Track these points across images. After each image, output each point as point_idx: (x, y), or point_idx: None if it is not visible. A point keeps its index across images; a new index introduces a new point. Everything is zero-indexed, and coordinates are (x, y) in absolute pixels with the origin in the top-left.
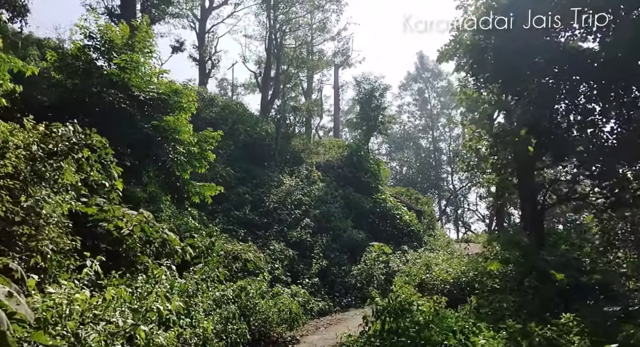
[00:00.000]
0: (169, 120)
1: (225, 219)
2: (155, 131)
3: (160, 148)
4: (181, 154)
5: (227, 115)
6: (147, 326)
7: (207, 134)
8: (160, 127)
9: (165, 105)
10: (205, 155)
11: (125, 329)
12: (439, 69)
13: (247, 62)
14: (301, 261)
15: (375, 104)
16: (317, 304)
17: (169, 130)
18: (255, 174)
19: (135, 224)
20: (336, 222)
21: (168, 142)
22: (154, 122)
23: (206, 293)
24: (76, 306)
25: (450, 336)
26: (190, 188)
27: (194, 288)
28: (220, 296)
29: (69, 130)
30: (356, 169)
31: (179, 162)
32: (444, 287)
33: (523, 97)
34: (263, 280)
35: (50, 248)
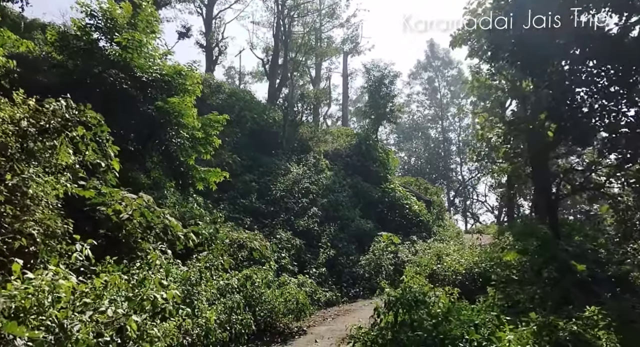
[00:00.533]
0: (173, 101)
1: (231, 207)
2: (159, 113)
3: (163, 132)
4: (185, 138)
5: (234, 102)
6: (140, 316)
7: (212, 118)
8: (164, 109)
9: (169, 87)
10: (211, 141)
11: (116, 319)
12: (449, 57)
13: (255, 48)
14: (308, 250)
15: (384, 92)
16: (325, 294)
17: (173, 114)
18: (262, 162)
19: (135, 209)
20: (344, 212)
21: (172, 125)
22: (159, 103)
23: (210, 282)
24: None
25: (472, 330)
26: (195, 173)
27: (197, 276)
28: (225, 284)
29: (61, 105)
30: (365, 158)
31: (183, 147)
32: (456, 278)
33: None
34: (269, 269)
35: (38, 231)
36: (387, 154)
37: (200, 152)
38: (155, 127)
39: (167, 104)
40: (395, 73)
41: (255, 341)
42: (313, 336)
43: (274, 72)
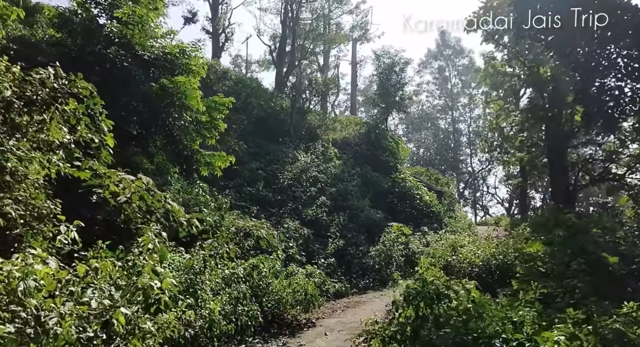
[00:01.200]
0: (179, 80)
1: (237, 195)
2: (162, 93)
3: (166, 114)
4: (189, 121)
5: (240, 89)
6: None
7: (218, 100)
8: (168, 89)
9: (172, 66)
10: (216, 125)
11: (103, 312)
12: (461, 45)
13: (262, 35)
14: (316, 240)
15: (394, 80)
16: (334, 285)
17: (177, 95)
18: (269, 149)
19: (134, 192)
20: (353, 201)
21: (175, 107)
22: (164, 80)
23: (215, 271)
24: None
25: (509, 327)
26: (199, 158)
27: (201, 265)
28: (230, 274)
29: (49, 74)
30: (374, 147)
31: (187, 131)
32: (472, 270)
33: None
34: (277, 258)
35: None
36: (397, 143)
37: (204, 136)
38: (157, 109)
39: (171, 83)
40: (406, 60)
41: (262, 333)
42: (322, 329)
43: (282, 59)
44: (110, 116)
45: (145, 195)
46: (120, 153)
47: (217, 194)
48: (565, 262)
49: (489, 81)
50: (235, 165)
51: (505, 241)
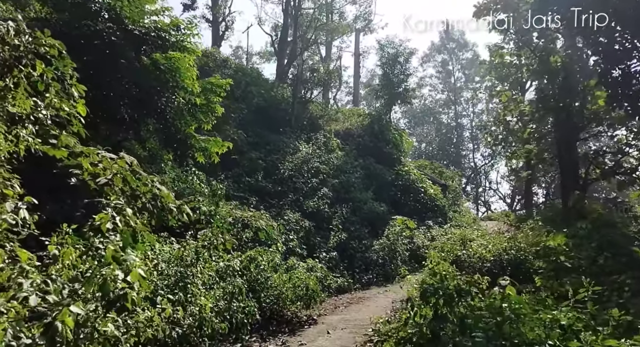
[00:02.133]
0: (173, 56)
1: (235, 185)
2: (154, 70)
3: (159, 93)
4: (183, 103)
5: (240, 77)
6: (84, 307)
7: (214, 82)
8: (160, 66)
9: (165, 43)
10: (212, 108)
11: (48, 312)
12: (464, 39)
13: (263, 24)
14: (318, 233)
15: (399, 70)
16: (336, 280)
17: (170, 72)
18: (269, 139)
19: (116, 173)
20: (356, 193)
21: (168, 86)
22: (156, 54)
23: (209, 263)
24: None
25: (555, 333)
26: (194, 142)
27: (193, 256)
28: (225, 267)
29: (7, 27)
30: (377, 138)
31: (181, 113)
32: (482, 265)
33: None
34: (276, 251)
35: None
36: (401, 135)
37: (200, 120)
38: (149, 88)
39: (163, 59)
40: (411, 50)
41: (259, 331)
42: (324, 326)
43: (283, 49)
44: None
45: (128, 176)
46: (109, 138)
47: (212, 182)
48: (592, 256)
49: (495, 74)
50: (233, 155)
51: (517, 234)
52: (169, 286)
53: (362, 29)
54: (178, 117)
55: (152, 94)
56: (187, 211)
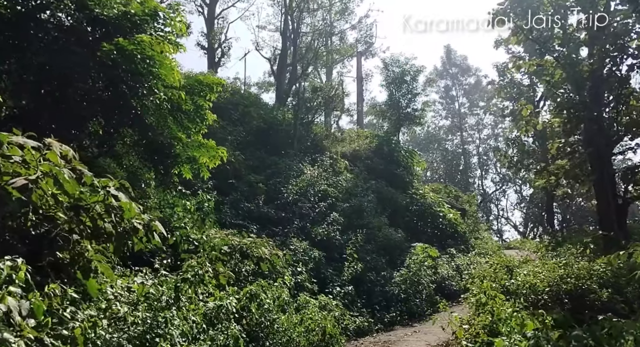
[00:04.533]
0: (141, 40)
1: (233, 211)
2: (121, 60)
3: (132, 91)
4: (164, 100)
5: (238, 100)
6: None
7: (202, 79)
8: (130, 55)
9: (138, 30)
10: (202, 114)
11: None
12: (467, 64)
13: (261, 49)
14: (329, 264)
15: (406, 89)
16: (354, 320)
17: (143, 62)
18: (270, 162)
19: (46, 173)
20: (369, 219)
21: (142, 82)
22: (120, 39)
23: (194, 303)
24: None
25: None
26: (179, 151)
27: (169, 295)
28: (216, 308)
29: None
30: (387, 161)
31: (164, 118)
32: (536, 297)
33: None
34: (283, 286)
35: None
36: (412, 156)
37: (187, 128)
38: (118, 84)
39: (131, 45)
40: (418, 68)
41: None
42: None
43: (282, 73)
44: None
45: (61, 176)
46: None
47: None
48: None
49: (504, 94)
50: (231, 179)
51: (570, 260)
52: (131, 341)
53: (364, 53)
54: (159, 122)
55: (124, 93)
56: (160, 230)
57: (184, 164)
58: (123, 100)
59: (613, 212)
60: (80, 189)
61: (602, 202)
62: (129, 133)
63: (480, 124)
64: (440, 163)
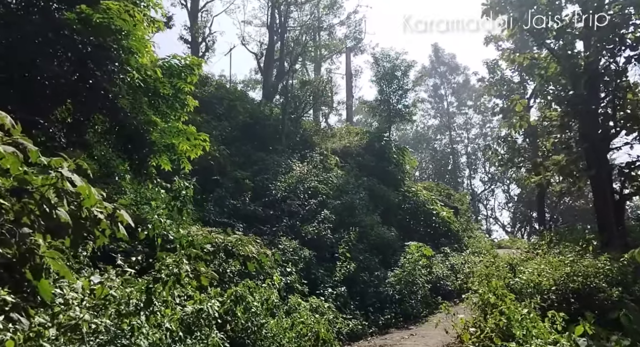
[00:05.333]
0: (108, 6)
1: (218, 209)
2: (87, 31)
3: (100, 66)
4: (137, 79)
5: (223, 94)
6: None
7: (180, 59)
8: (96, 26)
9: None
10: (182, 99)
11: None
12: (455, 62)
13: (247, 44)
14: (320, 264)
15: (396, 85)
16: (347, 323)
17: (112, 34)
18: (257, 158)
19: None
20: (361, 217)
21: (112, 56)
22: (82, 6)
23: (170, 307)
24: None
25: None
26: (155, 137)
27: (138, 297)
28: (196, 312)
29: None
30: (378, 158)
31: (139, 103)
32: (542, 297)
33: None
34: (273, 287)
35: None
36: (403, 154)
37: (166, 114)
38: (84, 59)
39: (97, 12)
40: (409, 63)
41: None
42: None
43: (269, 68)
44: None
45: None
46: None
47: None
48: None
49: (493, 91)
50: (215, 175)
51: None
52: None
53: (353, 49)
54: (134, 107)
55: (93, 73)
56: (126, 221)
57: (161, 153)
58: (92, 81)
59: (611, 209)
60: (25, 168)
61: (599, 199)
62: (100, 120)
63: (468, 124)
64: (429, 163)
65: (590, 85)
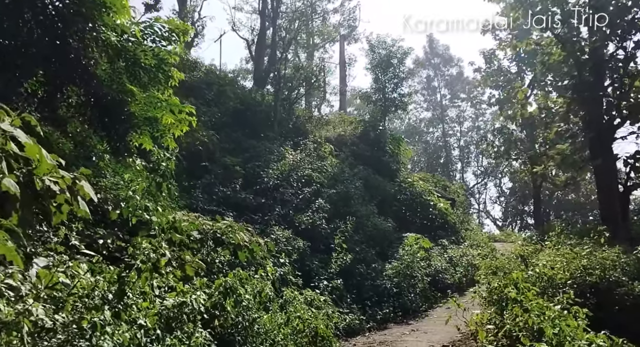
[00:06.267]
0: None
1: (206, 197)
2: None
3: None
4: (112, 41)
5: (213, 79)
6: None
7: (162, 22)
8: None
9: None
10: (166, 71)
11: None
12: (449, 54)
13: (238, 30)
14: (314, 255)
15: (392, 73)
16: (344, 317)
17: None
18: (247, 145)
19: None
20: (357, 207)
21: (82, 13)
22: None
23: (149, 299)
24: None
25: None
26: (133, 108)
27: (105, 287)
28: (177, 306)
29: None
30: (373, 148)
31: (112, 64)
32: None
33: None
34: (266, 278)
35: None
36: (399, 144)
37: (145, 85)
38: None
39: None
40: (406, 50)
41: None
42: None
43: (261, 55)
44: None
45: None
46: None
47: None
48: None
49: (490, 82)
50: (204, 161)
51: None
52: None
53: (347, 37)
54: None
55: (64, 35)
56: (89, 195)
57: (142, 128)
58: (65, 47)
59: (616, 201)
60: None
61: (603, 190)
62: (75, 91)
63: (461, 117)
64: (422, 156)
65: (596, 72)
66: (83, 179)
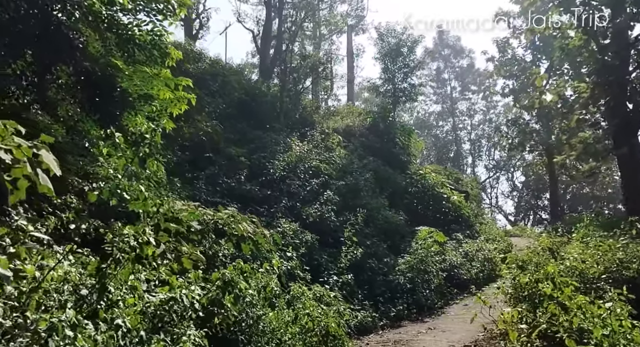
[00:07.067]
0: None
1: (210, 188)
2: None
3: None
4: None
5: (218, 70)
6: None
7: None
8: None
9: None
10: (162, 48)
11: None
12: (460, 45)
13: (243, 21)
14: (323, 249)
15: (402, 63)
16: (355, 315)
17: None
18: (253, 136)
19: None
20: (367, 199)
21: None
22: None
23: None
24: None
25: None
26: (125, 84)
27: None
28: (166, 302)
29: None
30: (383, 139)
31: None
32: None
33: None
34: (272, 272)
35: None
36: (409, 135)
37: (141, 63)
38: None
39: None
40: (416, 39)
41: None
42: None
43: (266, 46)
44: None
45: None
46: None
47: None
48: None
49: (504, 72)
50: (208, 152)
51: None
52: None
53: (354, 27)
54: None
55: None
56: (52, 169)
57: (136, 107)
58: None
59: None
60: None
61: (629, 180)
62: (65, 72)
63: (472, 109)
64: (431, 150)
65: (620, 56)
66: (44, 148)
